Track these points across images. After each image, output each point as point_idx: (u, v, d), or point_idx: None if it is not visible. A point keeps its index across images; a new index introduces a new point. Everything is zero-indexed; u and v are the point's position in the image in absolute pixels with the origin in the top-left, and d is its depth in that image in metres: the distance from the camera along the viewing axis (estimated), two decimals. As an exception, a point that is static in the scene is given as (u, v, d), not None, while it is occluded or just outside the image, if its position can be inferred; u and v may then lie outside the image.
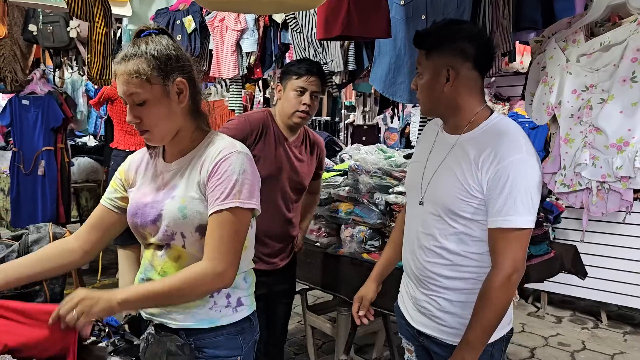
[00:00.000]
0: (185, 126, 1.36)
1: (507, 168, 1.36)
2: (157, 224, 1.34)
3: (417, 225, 1.57)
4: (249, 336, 1.42)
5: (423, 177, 1.55)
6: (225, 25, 2.98)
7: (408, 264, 1.62)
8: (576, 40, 1.85)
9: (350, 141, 6.93)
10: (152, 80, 1.27)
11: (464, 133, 1.48)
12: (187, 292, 1.26)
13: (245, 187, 1.29)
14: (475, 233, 1.45)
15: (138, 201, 1.39)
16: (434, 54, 1.45)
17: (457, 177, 1.44)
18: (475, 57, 1.43)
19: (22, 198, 4.46)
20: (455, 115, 1.49)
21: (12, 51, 4.15)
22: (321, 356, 3.31)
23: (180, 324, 1.34)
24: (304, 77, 2.17)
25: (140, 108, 1.29)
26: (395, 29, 2.21)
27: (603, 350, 3.66)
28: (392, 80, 2.31)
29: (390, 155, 2.71)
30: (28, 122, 4.39)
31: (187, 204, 1.31)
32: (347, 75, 2.86)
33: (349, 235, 2.61)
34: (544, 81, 1.95)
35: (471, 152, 1.43)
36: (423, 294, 1.56)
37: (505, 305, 1.40)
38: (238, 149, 1.33)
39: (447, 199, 1.46)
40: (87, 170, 5.36)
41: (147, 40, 1.31)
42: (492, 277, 1.39)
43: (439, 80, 1.45)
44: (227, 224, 1.27)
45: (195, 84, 1.37)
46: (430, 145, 1.58)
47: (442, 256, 1.50)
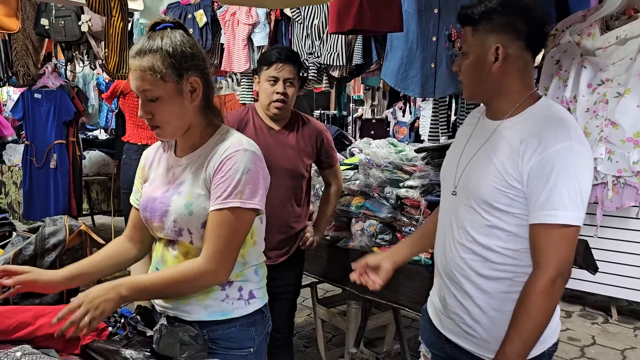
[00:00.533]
0: (196, 122, 1.36)
1: (552, 157, 1.20)
2: (164, 220, 1.35)
3: (449, 217, 1.43)
4: (261, 328, 1.43)
5: (458, 166, 1.41)
6: (237, 19, 2.98)
7: (439, 260, 1.47)
8: (591, 34, 1.84)
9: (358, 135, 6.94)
10: (166, 78, 1.26)
11: (507, 118, 1.32)
12: (182, 288, 1.30)
13: (247, 187, 1.28)
14: (509, 227, 1.29)
15: (149, 195, 1.41)
16: (482, 31, 1.29)
17: (495, 165, 1.28)
18: (527, 35, 1.27)
19: (34, 191, 4.51)
20: (500, 99, 1.33)
21: (25, 45, 4.18)
22: (331, 349, 3.33)
23: (194, 316, 1.35)
24: (273, 65, 2.13)
25: (153, 104, 1.29)
26: (408, 23, 2.20)
27: (613, 345, 3.65)
28: (404, 74, 2.30)
29: (401, 149, 2.70)
30: (40, 115, 4.43)
31: (193, 200, 1.31)
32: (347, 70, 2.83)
33: (359, 229, 2.61)
34: (558, 75, 1.94)
35: (512, 138, 1.27)
36: (453, 297, 1.41)
37: (548, 313, 1.22)
38: (245, 147, 1.31)
39: (481, 188, 1.31)
40: (98, 164, 5.41)
41: (163, 34, 1.29)
42: (533, 281, 1.22)
43: (486, 60, 1.29)
44: (226, 223, 1.27)
45: (208, 81, 1.36)
46: (469, 133, 1.43)
47: (474, 251, 1.34)
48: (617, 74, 1.77)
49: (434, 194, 2.27)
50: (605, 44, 1.79)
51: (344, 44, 2.68)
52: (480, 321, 1.35)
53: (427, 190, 2.32)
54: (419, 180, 2.38)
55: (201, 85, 1.33)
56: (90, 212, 5.74)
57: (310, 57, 2.80)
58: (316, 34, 2.75)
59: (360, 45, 2.68)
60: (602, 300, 4.27)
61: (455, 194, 1.40)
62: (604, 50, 1.78)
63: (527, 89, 1.32)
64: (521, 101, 1.31)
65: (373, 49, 2.66)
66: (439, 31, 2.15)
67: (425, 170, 2.37)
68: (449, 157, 1.50)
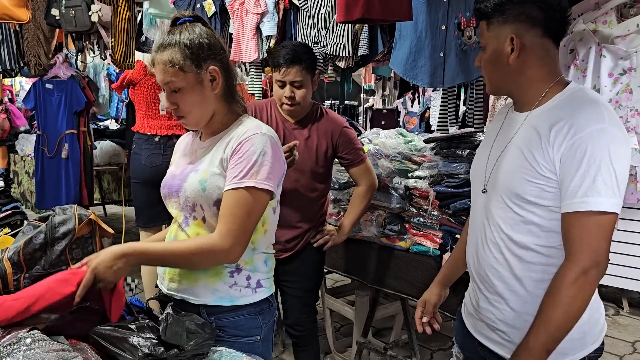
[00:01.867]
0: (218, 110, 1.42)
1: (584, 140, 1.13)
2: (179, 195, 1.40)
3: (480, 216, 1.37)
4: (268, 317, 1.45)
5: (488, 162, 1.36)
6: (245, 8, 2.97)
7: (471, 262, 1.43)
8: (607, 22, 1.79)
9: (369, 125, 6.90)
10: (185, 69, 1.34)
11: (535, 108, 1.27)
12: (194, 262, 1.33)
13: (263, 168, 1.31)
14: (543, 222, 1.23)
15: (171, 173, 1.48)
16: (496, 23, 1.27)
17: (524, 156, 1.23)
18: (545, 22, 1.23)
19: (46, 180, 4.55)
20: (524, 90, 1.29)
21: (36, 35, 4.19)
22: (339, 339, 3.34)
23: (201, 300, 1.38)
24: (280, 70, 2.13)
25: (176, 95, 1.36)
26: (417, 12, 2.17)
27: (624, 337, 3.63)
28: (413, 63, 2.28)
29: (410, 140, 2.69)
30: (52, 105, 4.46)
31: (208, 177, 1.36)
32: (354, 60, 2.80)
33: (368, 219, 2.61)
34: (575, 65, 1.89)
35: (542, 126, 1.21)
36: (485, 300, 1.36)
37: (579, 307, 1.14)
38: (263, 131, 1.36)
39: (511, 181, 1.25)
40: (109, 154, 5.44)
41: (182, 28, 1.36)
42: (564, 271, 1.15)
43: (503, 52, 1.26)
44: (242, 203, 1.30)
45: (229, 69, 1.42)
46: (498, 128, 1.39)
47: (509, 249, 1.28)
48: (640, 63, 1.71)
49: (442, 184, 2.26)
50: (624, 31, 1.74)
51: (350, 35, 2.66)
52: (514, 325, 1.29)
53: (435, 180, 2.31)
54: (427, 170, 2.37)
55: (220, 73, 1.38)
56: (102, 202, 5.79)
57: (315, 46, 2.78)
58: (322, 23, 2.72)
59: (366, 35, 2.65)
60: (613, 292, 4.24)
61: (485, 192, 1.35)
62: (623, 38, 1.73)
63: (552, 77, 1.27)
64: (548, 89, 1.26)
65: (379, 39, 2.63)
66: (449, 20, 2.12)
67: (434, 160, 2.36)
68: (478, 155, 1.46)
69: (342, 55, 2.74)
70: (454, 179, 2.22)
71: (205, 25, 1.42)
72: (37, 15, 4.02)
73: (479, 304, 1.39)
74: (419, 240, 2.42)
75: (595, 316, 1.30)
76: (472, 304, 1.44)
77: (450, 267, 1.64)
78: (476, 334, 1.42)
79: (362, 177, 2.34)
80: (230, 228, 1.29)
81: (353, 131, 2.36)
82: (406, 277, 2.46)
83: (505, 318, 1.31)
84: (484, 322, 1.38)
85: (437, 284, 1.66)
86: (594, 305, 1.26)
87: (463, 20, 2.08)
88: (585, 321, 1.22)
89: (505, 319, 1.31)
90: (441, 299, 1.65)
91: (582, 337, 1.26)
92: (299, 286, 2.37)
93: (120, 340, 1.29)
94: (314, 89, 2.25)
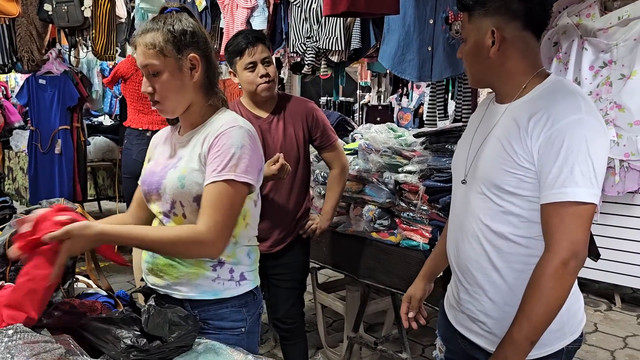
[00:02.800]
0: (196, 101, 1.41)
1: (561, 131, 1.14)
2: (159, 192, 1.40)
3: (460, 208, 1.38)
4: (252, 309, 1.45)
5: (469, 153, 1.37)
6: (236, 3, 2.97)
7: (452, 253, 1.43)
8: (590, 15, 1.81)
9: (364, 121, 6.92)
10: (165, 52, 1.33)
11: (515, 100, 1.28)
12: (177, 250, 1.31)
13: (242, 161, 1.31)
14: (522, 212, 1.24)
15: (150, 170, 1.47)
16: (476, 16, 1.28)
17: (503, 147, 1.23)
18: (525, 15, 1.23)
19: (39, 176, 4.54)
20: (505, 82, 1.30)
21: (29, 31, 4.19)
22: (331, 334, 3.35)
23: (184, 294, 1.38)
24: (246, 52, 2.10)
25: (154, 78, 1.36)
26: (405, 6, 2.18)
27: (615, 332, 3.64)
28: (401, 57, 2.28)
29: (400, 135, 2.69)
30: (45, 101, 4.45)
31: (187, 174, 1.35)
32: (346, 54, 2.81)
33: (358, 214, 2.61)
34: (558, 57, 1.90)
35: (521, 117, 1.22)
36: (465, 291, 1.37)
37: (560, 297, 1.15)
38: (240, 124, 1.36)
39: (490, 172, 1.26)
40: (103, 149, 5.44)
41: (167, 16, 1.38)
42: (544, 262, 1.15)
43: (483, 45, 1.26)
44: (224, 195, 1.29)
45: (210, 61, 1.41)
46: (480, 119, 1.40)
47: (488, 240, 1.29)
48: (620, 56, 1.73)
49: (432, 179, 2.27)
50: (606, 24, 1.76)
51: (342, 28, 2.66)
52: (493, 316, 1.31)
53: (425, 175, 2.31)
54: (417, 165, 2.37)
55: (201, 63, 1.38)
56: (96, 198, 5.79)
57: (308, 41, 2.78)
58: (314, 17, 2.72)
59: (358, 29, 2.65)
60: (605, 287, 4.26)
61: (465, 182, 1.36)
62: (604, 31, 1.75)
63: (533, 69, 1.28)
64: (528, 82, 1.27)
65: (371, 33, 2.63)
66: (436, 14, 2.12)
67: (424, 155, 2.37)
68: (460, 146, 1.46)
69: (334, 49, 2.75)
70: (443, 173, 2.22)
71: (192, 17, 1.42)
72: (29, 10, 4.01)
73: (459, 295, 1.40)
74: (408, 234, 2.43)
75: (574, 307, 1.30)
76: (454, 295, 1.45)
77: (434, 260, 1.64)
78: (457, 325, 1.43)
79: (335, 160, 2.36)
80: (216, 221, 1.28)
81: (322, 112, 2.35)
82: (396, 271, 2.46)
83: (485, 309, 1.32)
84: (464, 314, 1.39)
85: (422, 278, 1.65)
86: (572, 297, 1.26)
87: (451, 14, 2.08)
88: (563, 312, 1.22)
89: (484, 310, 1.32)
90: (426, 293, 1.65)
91: (561, 328, 1.26)
92: (290, 278, 2.37)
93: (103, 332, 1.29)
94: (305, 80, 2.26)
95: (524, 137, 1.20)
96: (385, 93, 7.02)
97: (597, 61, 1.77)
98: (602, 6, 1.79)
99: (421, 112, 5.96)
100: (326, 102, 8.42)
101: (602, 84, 1.77)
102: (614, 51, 1.75)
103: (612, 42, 1.74)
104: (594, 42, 1.77)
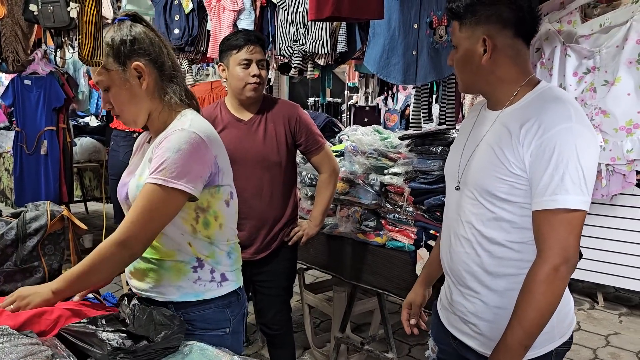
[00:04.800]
0: (154, 107, 1.39)
1: (552, 139, 1.16)
2: (127, 202, 1.40)
3: (453, 213, 1.40)
4: (236, 309, 1.46)
5: (461, 160, 1.39)
6: (222, 5, 2.98)
7: (444, 257, 1.45)
8: (571, 21, 1.84)
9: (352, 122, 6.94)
10: (108, 66, 1.33)
11: (506, 107, 1.30)
12: (99, 267, 1.29)
13: (175, 166, 1.26)
14: (514, 218, 1.26)
15: (122, 180, 1.46)
16: (467, 24, 1.29)
17: (495, 154, 1.26)
18: (515, 23, 1.25)
19: (25, 177, 4.51)
20: (496, 90, 1.32)
21: (14, 31, 4.14)
22: (318, 334, 3.37)
23: (167, 297, 1.39)
24: (244, 48, 2.08)
25: (108, 94, 1.36)
26: (390, 11, 2.21)
27: (598, 331, 3.71)
28: (387, 61, 2.30)
29: (386, 137, 2.72)
30: (30, 102, 4.42)
31: (143, 181, 1.33)
32: (333, 57, 2.84)
33: (344, 216, 2.64)
34: (542, 64, 1.94)
35: (512, 124, 1.24)
36: (459, 294, 1.39)
37: (551, 302, 1.18)
38: (185, 127, 1.31)
39: (483, 178, 1.28)
40: (89, 150, 5.41)
41: (111, 28, 1.37)
42: (536, 269, 1.18)
43: (475, 53, 1.28)
44: (146, 197, 1.27)
45: (161, 64, 1.37)
46: (471, 126, 1.41)
47: (481, 245, 1.31)
48: (604, 62, 1.76)
49: (417, 180, 2.30)
50: (588, 31, 1.79)
51: (328, 32, 2.68)
52: (485, 318, 1.33)
53: (410, 177, 2.34)
54: (402, 167, 2.40)
55: (147, 69, 1.35)
56: (83, 199, 5.76)
57: (295, 44, 2.79)
58: (301, 21, 2.74)
59: (344, 33, 2.68)
60: (589, 286, 4.33)
61: (458, 189, 1.38)
62: (586, 38, 1.79)
63: (524, 76, 1.30)
64: (519, 89, 1.29)
65: (357, 37, 2.66)
66: (421, 19, 2.15)
67: (409, 157, 2.39)
68: (452, 152, 1.48)
69: (321, 52, 2.77)
70: (428, 175, 2.26)
71: (140, 21, 1.40)
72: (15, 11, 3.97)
73: (452, 297, 1.43)
74: (394, 235, 2.45)
75: (563, 310, 1.32)
76: (447, 297, 1.47)
77: (431, 266, 1.65)
78: (450, 327, 1.45)
79: (324, 164, 2.30)
80: (130, 221, 1.27)
81: (308, 115, 2.31)
82: (382, 272, 2.49)
83: (477, 311, 1.34)
84: (456, 315, 1.41)
85: (421, 284, 1.66)
86: (562, 300, 1.28)
87: (435, 19, 2.11)
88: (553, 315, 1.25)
89: (476, 311, 1.35)
90: (425, 299, 1.66)
91: (550, 331, 1.28)
92: (274, 285, 2.35)
93: (88, 335, 1.30)
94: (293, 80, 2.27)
95: (515, 144, 1.22)
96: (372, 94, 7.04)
97: (581, 67, 1.80)
98: (583, 13, 1.83)
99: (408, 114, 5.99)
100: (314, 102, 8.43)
101: (586, 89, 1.80)
102: (597, 57, 1.78)
103: (595, 48, 1.76)
104: (577, 48, 1.80)
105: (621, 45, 1.73)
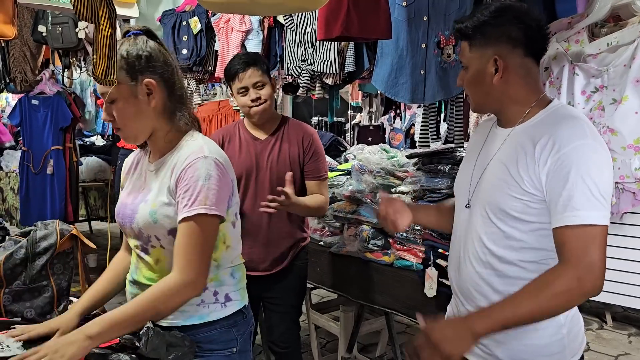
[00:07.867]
0: (159, 127, 1.38)
1: (569, 155, 1.16)
2: (133, 227, 1.38)
3: (462, 231, 1.38)
4: (243, 327, 1.44)
5: (472, 178, 1.37)
6: (231, 26, 3.01)
7: (453, 276, 1.42)
8: (579, 41, 1.85)
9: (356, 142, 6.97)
10: (118, 79, 1.29)
11: (518, 125, 1.29)
12: (161, 309, 1.28)
13: (211, 193, 1.28)
14: (526, 237, 1.24)
15: (122, 201, 1.44)
16: (477, 44, 1.29)
17: (509, 171, 1.24)
18: (525, 42, 1.25)
19: (31, 197, 4.52)
20: (508, 108, 1.31)
21: (22, 52, 4.20)
22: (325, 354, 3.33)
23: (171, 322, 1.36)
24: (238, 76, 2.14)
25: (112, 106, 1.33)
26: (397, 30, 2.22)
27: (607, 351, 3.65)
28: (395, 80, 2.32)
29: (393, 155, 2.72)
30: (37, 121, 4.45)
31: (157, 208, 1.32)
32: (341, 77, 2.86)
33: (352, 234, 2.62)
34: (551, 83, 1.94)
35: (526, 143, 1.23)
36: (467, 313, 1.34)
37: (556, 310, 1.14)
38: (205, 154, 1.31)
39: (496, 197, 1.26)
40: (95, 170, 5.43)
41: (125, 41, 1.35)
42: (561, 270, 1.13)
43: (486, 72, 1.28)
44: (196, 232, 1.27)
45: (172, 84, 1.37)
46: (482, 143, 1.40)
47: (490, 264, 1.29)
48: (611, 81, 1.77)
49: (425, 199, 2.29)
50: (595, 50, 1.80)
51: (336, 52, 2.71)
52: (496, 339, 1.28)
53: (418, 195, 2.34)
54: (410, 185, 2.39)
55: (158, 88, 1.34)
56: (87, 218, 5.76)
57: (303, 64, 2.82)
58: (309, 41, 2.77)
59: (352, 52, 2.70)
60: (597, 306, 4.28)
61: (469, 207, 1.36)
62: (594, 57, 1.80)
63: (535, 94, 1.30)
64: (531, 107, 1.28)
65: (365, 56, 2.68)
66: (428, 38, 2.17)
67: (417, 175, 2.39)
68: (462, 169, 1.47)
69: (329, 72, 2.79)
70: (436, 194, 2.25)
71: (154, 39, 1.39)
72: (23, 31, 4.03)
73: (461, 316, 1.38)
74: (402, 255, 2.44)
75: (574, 330, 1.30)
76: (454, 316, 1.44)
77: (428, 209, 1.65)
78: None
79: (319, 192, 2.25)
80: (190, 259, 1.27)
81: (322, 146, 2.33)
82: (390, 291, 2.47)
83: None
84: None
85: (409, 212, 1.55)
86: (573, 319, 1.29)
87: (442, 39, 2.12)
88: (564, 335, 1.23)
89: None
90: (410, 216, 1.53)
91: (562, 351, 1.27)
92: (283, 302, 2.34)
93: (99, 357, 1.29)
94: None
95: (530, 163, 1.21)
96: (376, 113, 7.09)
97: (589, 86, 1.80)
98: (590, 33, 1.84)
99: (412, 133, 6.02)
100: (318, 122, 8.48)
101: (594, 108, 1.81)
102: (604, 76, 1.79)
103: (603, 67, 1.77)
104: (585, 67, 1.81)
105: (628, 64, 1.74)
